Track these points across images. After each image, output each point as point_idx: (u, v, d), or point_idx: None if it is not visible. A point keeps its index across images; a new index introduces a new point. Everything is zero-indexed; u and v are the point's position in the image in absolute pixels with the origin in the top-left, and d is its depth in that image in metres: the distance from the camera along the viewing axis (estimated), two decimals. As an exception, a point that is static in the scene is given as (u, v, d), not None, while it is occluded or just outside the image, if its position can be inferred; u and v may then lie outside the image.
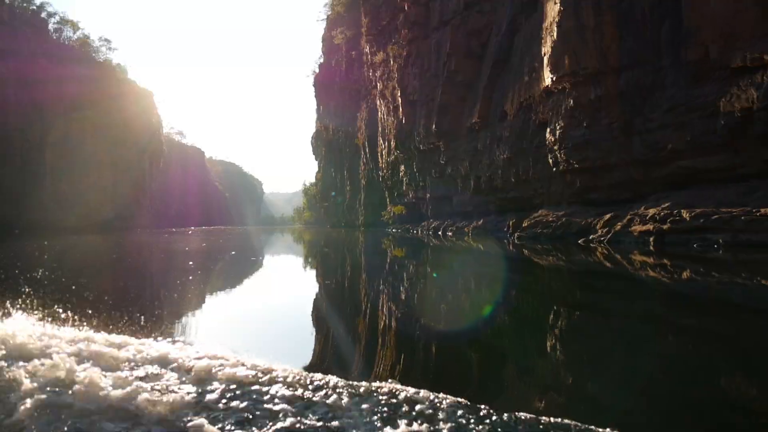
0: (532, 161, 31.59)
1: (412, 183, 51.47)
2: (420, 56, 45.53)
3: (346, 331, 6.73)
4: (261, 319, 7.61)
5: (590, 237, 23.97)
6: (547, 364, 5.03)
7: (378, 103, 64.02)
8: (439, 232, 44.31)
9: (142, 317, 6.57)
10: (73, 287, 9.65)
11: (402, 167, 53.61)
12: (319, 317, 7.73)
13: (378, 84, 61.17)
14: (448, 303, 9.20)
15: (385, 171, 60.97)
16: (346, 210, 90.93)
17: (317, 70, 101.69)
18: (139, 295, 9.84)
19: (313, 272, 16.59)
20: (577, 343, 5.92)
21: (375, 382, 3.63)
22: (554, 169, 29.01)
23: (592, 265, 15.52)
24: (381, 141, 63.02)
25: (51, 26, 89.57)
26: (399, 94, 49.04)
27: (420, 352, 5.57)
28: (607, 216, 24.49)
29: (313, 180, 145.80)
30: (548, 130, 29.00)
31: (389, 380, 3.65)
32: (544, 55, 28.39)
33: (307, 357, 5.19)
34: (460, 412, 3.16)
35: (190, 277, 12.65)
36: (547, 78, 28.07)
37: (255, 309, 8.57)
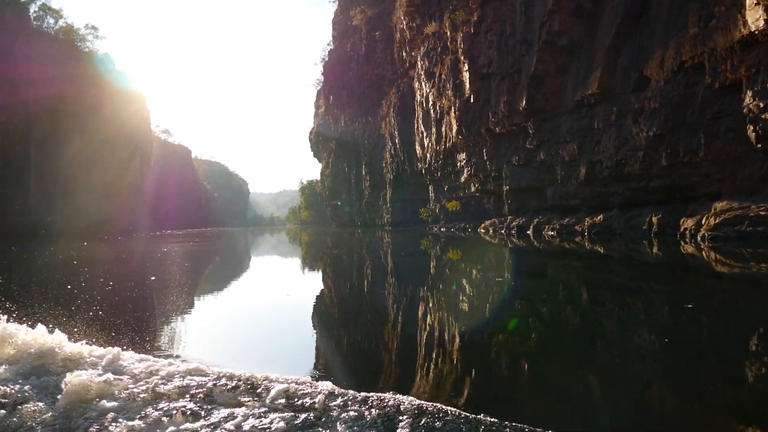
0: (705, 137, 24.19)
1: (478, 173, 43.76)
2: (498, 20, 37.91)
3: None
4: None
5: None
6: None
7: (417, 85, 56.42)
8: (528, 232, 36.81)
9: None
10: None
11: (462, 155, 45.91)
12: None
13: (420, 63, 53.52)
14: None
15: (430, 162, 53.26)
16: (364, 208, 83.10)
17: (326, 58, 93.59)
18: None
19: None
20: None
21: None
22: (758, 144, 21.64)
23: None
24: (422, 128, 55.38)
25: (32, 14, 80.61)
26: (466, 68, 41.36)
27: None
28: None
29: (311, 177, 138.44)
30: (748, 93, 21.62)
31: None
32: (746, -9, 21.02)
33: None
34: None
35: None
36: (754, 21, 20.67)
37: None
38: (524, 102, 35.36)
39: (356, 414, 3.13)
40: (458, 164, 47.36)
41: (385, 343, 6.45)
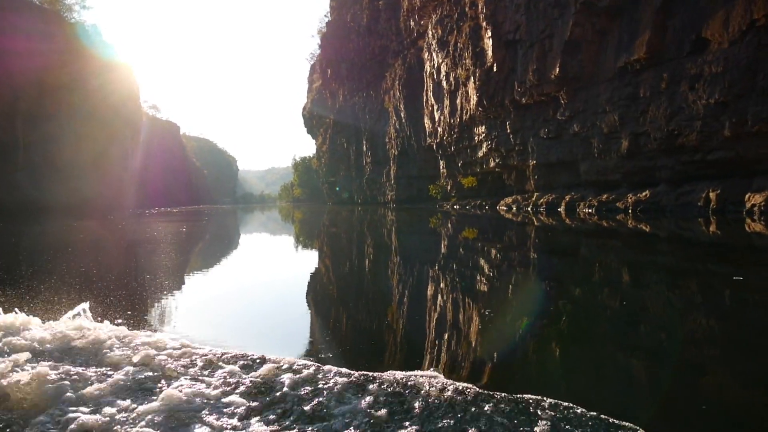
0: (780, 104, 21.98)
1: (499, 147, 41.33)
2: (527, -19, 35.24)
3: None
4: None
5: None
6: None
7: (427, 56, 53.72)
8: (560, 209, 34.64)
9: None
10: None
11: (481, 128, 43.43)
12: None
13: (432, 31, 50.73)
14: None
15: (442, 136, 50.78)
16: (365, 185, 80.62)
17: (324, 30, 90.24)
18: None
19: None
20: None
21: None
22: None
23: None
24: (432, 101, 52.82)
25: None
26: (488, 35, 38.71)
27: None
28: None
29: (303, 154, 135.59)
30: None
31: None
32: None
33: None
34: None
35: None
36: None
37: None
38: (557, 70, 32.87)
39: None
40: (476, 138, 44.88)
41: (392, 328, 5.76)
